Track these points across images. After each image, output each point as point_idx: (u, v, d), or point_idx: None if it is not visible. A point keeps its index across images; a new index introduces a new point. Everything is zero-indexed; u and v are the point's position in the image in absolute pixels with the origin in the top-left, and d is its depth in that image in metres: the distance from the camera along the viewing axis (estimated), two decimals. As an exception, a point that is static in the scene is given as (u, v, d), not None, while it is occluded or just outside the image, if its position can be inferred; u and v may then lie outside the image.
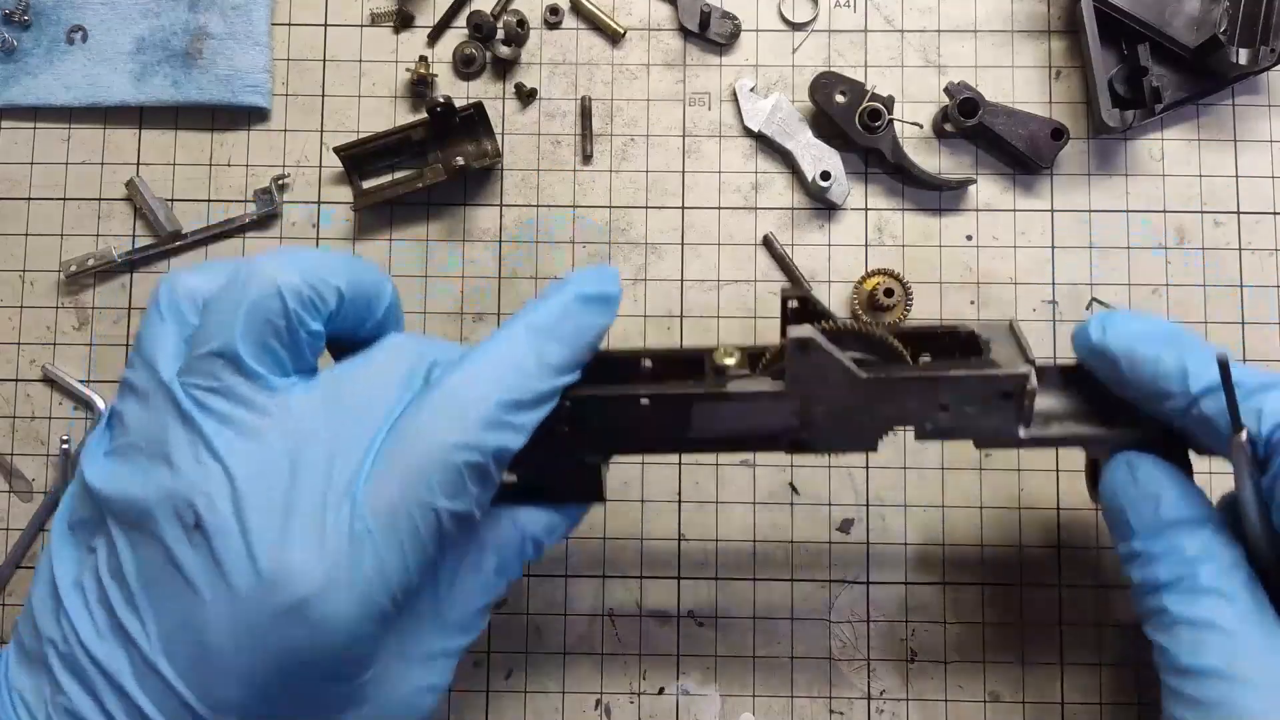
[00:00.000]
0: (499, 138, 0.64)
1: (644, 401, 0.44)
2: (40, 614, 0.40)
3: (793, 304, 0.46)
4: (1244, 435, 0.40)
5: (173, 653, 0.38)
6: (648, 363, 0.47)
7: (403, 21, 0.66)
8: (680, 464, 0.63)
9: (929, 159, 0.64)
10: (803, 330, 0.42)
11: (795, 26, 0.66)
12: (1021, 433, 0.45)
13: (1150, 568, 0.42)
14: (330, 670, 0.39)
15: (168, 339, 0.41)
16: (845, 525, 0.62)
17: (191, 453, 0.39)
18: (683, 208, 0.64)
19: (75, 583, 0.40)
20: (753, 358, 0.46)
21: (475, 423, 0.39)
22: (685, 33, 0.65)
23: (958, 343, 0.47)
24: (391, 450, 0.39)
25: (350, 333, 0.45)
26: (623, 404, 0.45)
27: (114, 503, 0.40)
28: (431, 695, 0.44)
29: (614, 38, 0.65)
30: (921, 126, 0.65)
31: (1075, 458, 0.62)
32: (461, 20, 0.65)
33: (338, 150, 0.63)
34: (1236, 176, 0.64)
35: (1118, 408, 0.46)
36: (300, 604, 0.37)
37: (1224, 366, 0.40)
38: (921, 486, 0.62)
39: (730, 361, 0.45)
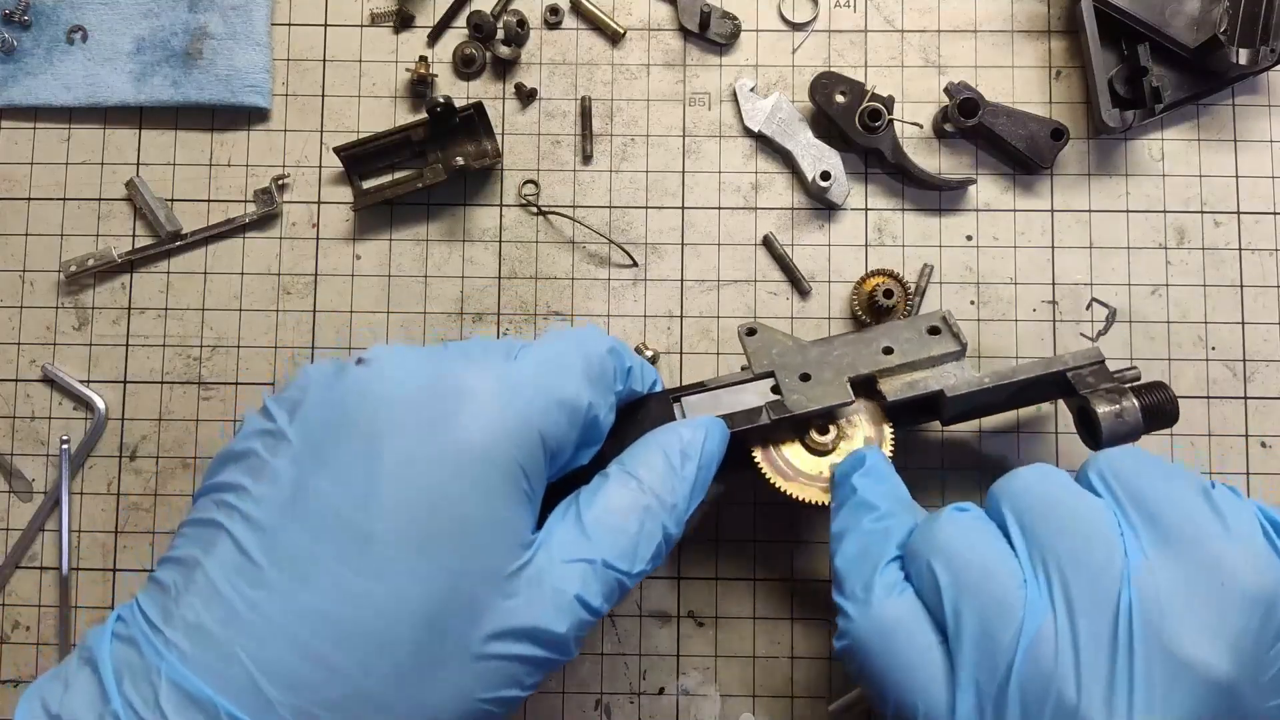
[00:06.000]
0: (499, 138, 0.64)
1: None
2: None
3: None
4: None
5: None
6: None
7: (403, 21, 0.66)
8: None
9: (929, 159, 0.64)
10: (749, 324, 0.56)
11: (795, 26, 0.66)
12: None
13: None
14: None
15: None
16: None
17: None
18: (683, 208, 0.64)
19: None
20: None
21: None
22: (685, 33, 0.65)
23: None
24: None
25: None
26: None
27: None
28: (575, 611, 0.43)
29: (614, 38, 0.65)
30: (921, 126, 0.65)
31: (1074, 457, 0.62)
32: (461, 20, 0.65)
33: (338, 150, 0.63)
34: (1236, 176, 0.64)
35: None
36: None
37: None
38: (920, 486, 0.62)
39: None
